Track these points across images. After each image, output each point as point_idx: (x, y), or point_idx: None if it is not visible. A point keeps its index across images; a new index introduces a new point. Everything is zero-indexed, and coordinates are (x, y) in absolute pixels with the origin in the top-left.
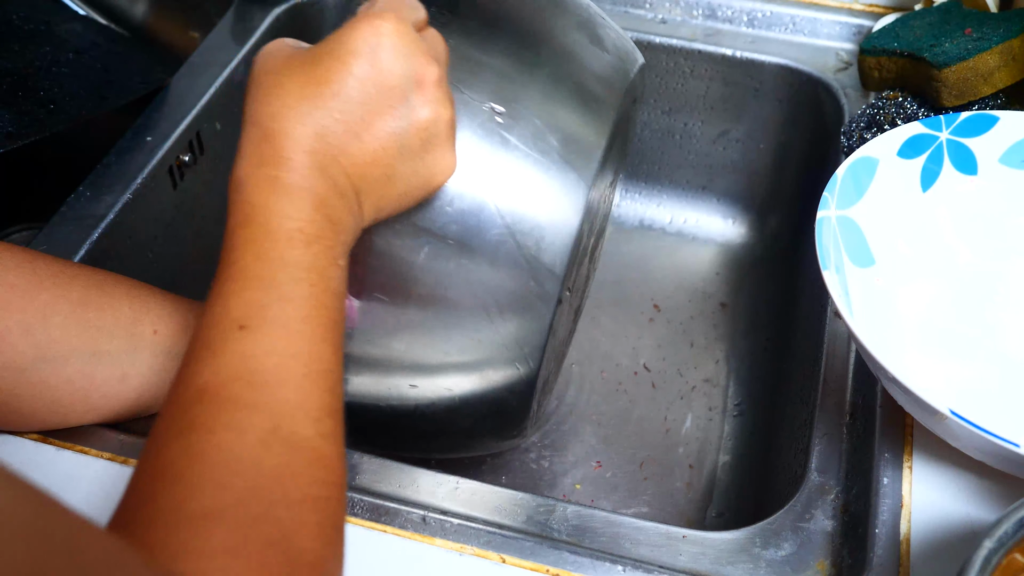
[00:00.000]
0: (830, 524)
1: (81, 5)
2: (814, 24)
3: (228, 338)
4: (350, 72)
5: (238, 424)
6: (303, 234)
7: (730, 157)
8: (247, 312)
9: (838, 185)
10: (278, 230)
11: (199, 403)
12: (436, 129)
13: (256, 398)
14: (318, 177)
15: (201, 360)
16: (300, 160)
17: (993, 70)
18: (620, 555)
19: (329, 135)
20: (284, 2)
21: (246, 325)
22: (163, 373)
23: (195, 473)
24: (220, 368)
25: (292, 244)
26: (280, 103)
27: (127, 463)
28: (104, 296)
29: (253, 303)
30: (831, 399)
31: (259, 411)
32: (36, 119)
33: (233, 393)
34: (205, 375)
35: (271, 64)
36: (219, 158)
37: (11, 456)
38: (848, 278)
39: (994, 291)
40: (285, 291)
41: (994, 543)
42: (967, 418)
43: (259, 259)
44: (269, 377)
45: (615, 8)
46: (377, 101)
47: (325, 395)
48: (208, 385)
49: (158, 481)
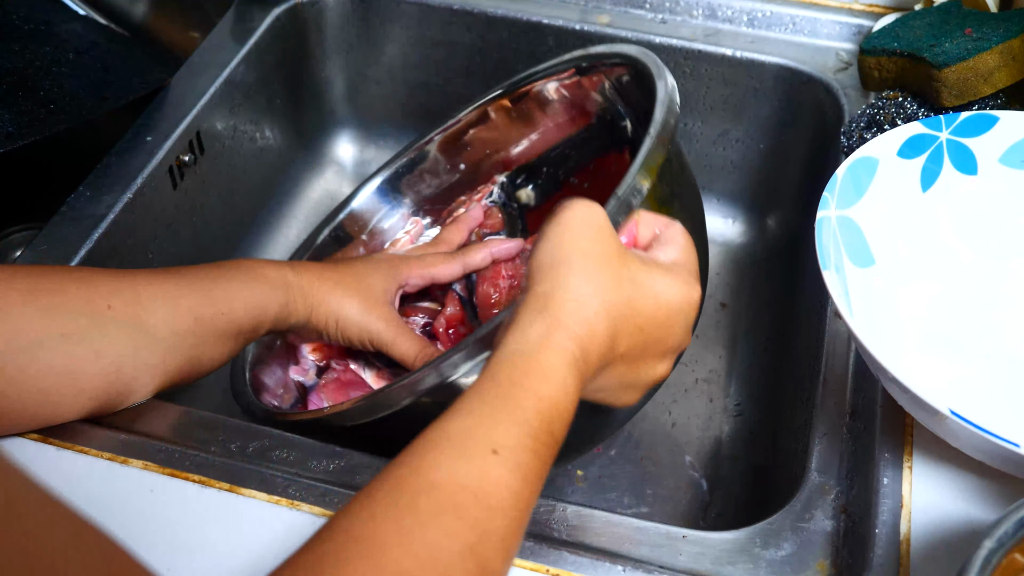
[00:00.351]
0: (830, 524)
1: (81, 5)
2: (814, 24)
3: (478, 454)
4: (659, 322)
5: (452, 530)
6: (566, 410)
7: (730, 157)
8: (505, 443)
9: (838, 185)
10: (559, 395)
11: (427, 495)
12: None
13: (477, 516)
14: (597, 368)
15: (446, 456)
16: (595, 353)
17: (993, 70)
18: (620, 555)
19: (618, 342)
20: (284, 2)
21: (499, 452)
22: (132, 344)
23: (395, 555)
24: (460, 474)
25: (560, 415)
26: (597, 298)
27: (127, 463)
28: (50, 282)
29: (511, 438)
30: (831, 399)
31: (473, 528)
32: (36, 119)
33: (461, 501)
34: (444, 472)
35: (589, 246)
36: (219, 158)
37: (12, 457)
38: (848, 278)
39: (994, 291)
40: (538, 445)
41: (994, 543)
42: (967, 418)
43: (536, 412)
44: (494, 503)
45: (615, 8)
46: (659, 344)
47: (519, 539)
48: (443, 484)
49: (358, 544)
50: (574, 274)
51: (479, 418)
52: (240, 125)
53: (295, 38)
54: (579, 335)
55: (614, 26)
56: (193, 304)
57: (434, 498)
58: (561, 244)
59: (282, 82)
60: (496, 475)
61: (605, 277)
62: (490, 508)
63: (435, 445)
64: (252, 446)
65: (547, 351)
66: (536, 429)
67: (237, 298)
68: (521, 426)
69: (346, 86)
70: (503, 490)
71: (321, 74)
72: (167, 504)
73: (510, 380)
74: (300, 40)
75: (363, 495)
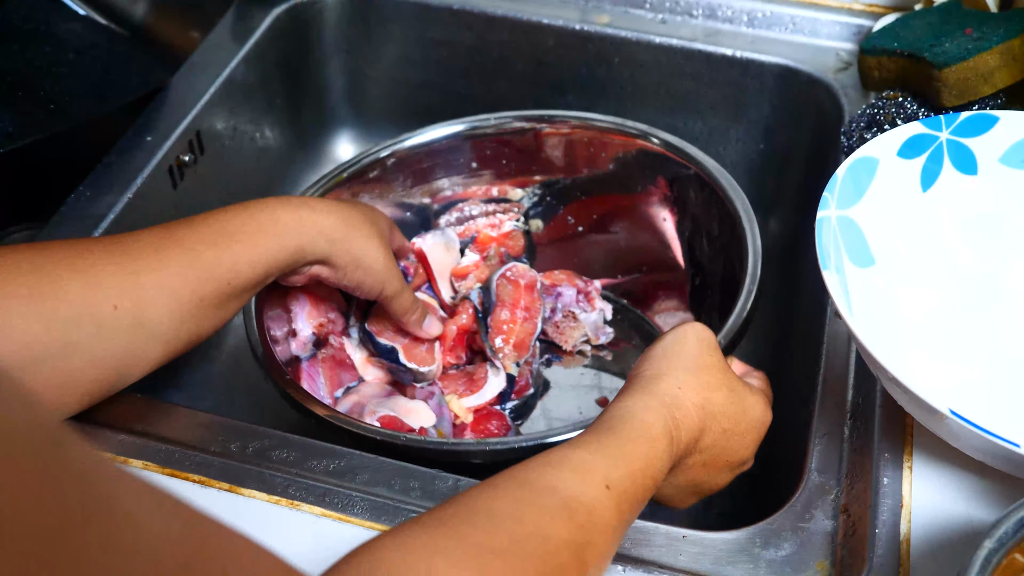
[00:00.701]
0: (830, 524)
1: (81, 5)
2: (814, 24)
3: (594, 482)
4: (739, 431)
5: (562, 524)
6: (659, 472)
7: (730, 157)
8: (617, 482)
9: (838, 185)
10: (655, 459)
11: (547, 495)
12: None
13: (584, 524)
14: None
15: (567, 474)
16: (685, 437)
17: (993, 70)
18: (620, 555)
19: (705, 436)
20: (284, 2)
21: (611, 488)
22: (133, 343)
23: (508, 525)
24: (576, 491)
25: (653, 476)
26: (696, 392)
27: (127, 463)
28: (51, 282)
29: (621, 480)
30: (831, 399)
31: (580, 530)
32: (36, 119)
33: (575, 509)
34: (564, 486)
35: (696, 350)
36: (219, 158)
37: None
38: (848, 278)
39: (994, 291)
40: (634, 495)
41: (994, 543)
42: (967, 418)
43: (640, 468)
44: (600, 523)
45: (615, 8)
46: (732, 453)
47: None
48: (562, 492)
49: (478, 515)
50: (681, 367)
51: (597, 456)
52: (240, 125)
53: (295, 38)
54: (676, 417)
55: (614, 26)
56: (197, 286)
57: (553, 498)
58: (674, 342)
59: (282, 82)
60: (605, 504)
61: (707, 377)
62: (596, 525)
63: (557, 465)
64: (252, 446)
65: (652, 422)
66: (636, 483)
67: (242, 260)
68: (628, 474)
69: (346, 86)
70: (608, 516)
71: (321, 74)
72: None
73: (624, 435)
74: (300, 40)
75: (485, 484)
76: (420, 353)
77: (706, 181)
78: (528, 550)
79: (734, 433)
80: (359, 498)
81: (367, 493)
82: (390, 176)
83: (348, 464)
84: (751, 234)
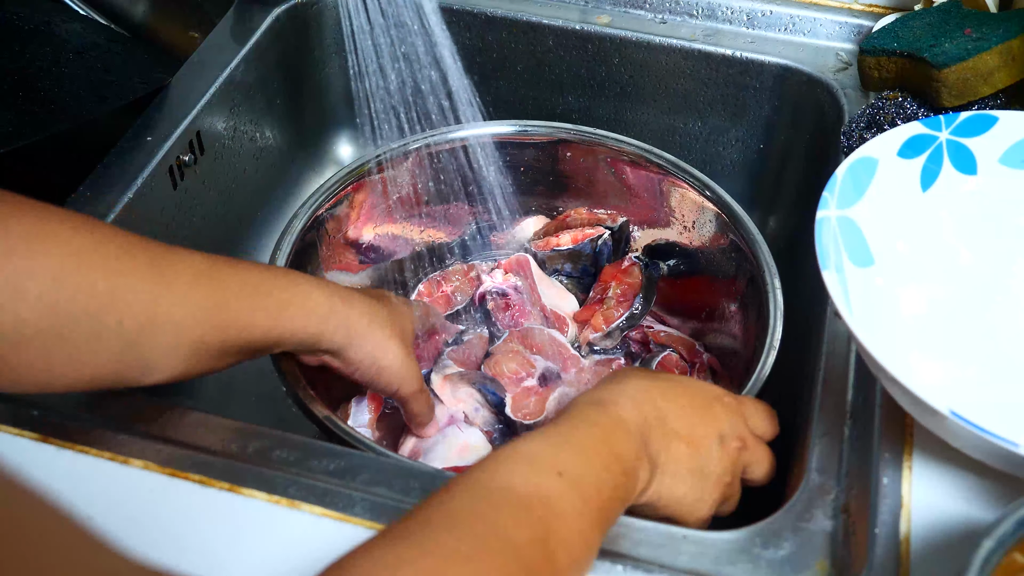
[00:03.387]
0: (830, 524)
1: (81, 5)
2: (814, 24)
3: (547, 471)
4: (699, 405)
5: (521, 520)
6: (626, 469)
7: (730, 157)
8: (570, 468)
9: (838, 185)
10: (623, 455)
11: (501, 492)
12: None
13: (542, 516)
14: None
15: (519, 467)
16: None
17: (993, 70)
18: (620, 554)
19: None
20: (284, 2)
21: (564, 475)
22: (123, 356)
23: (470, 523)
24: (531, 484)
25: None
26: (640, 388)
27: (127, 463)
28: (78, 275)
29: (577, 467)
30: (831, 399)
31: (540, 523)
32: (36, 119)
33: (530, 503)
34: (518, 479)
35: (642, 371)
36: (219, 158)
37: (11, 456)
38: (848, 278)
39: (994, 291)
40: (600, 473)
41: (994, 543)
42: (967, 418)
43: (600, 447)
44: (558, 511)
45: (615, 8)
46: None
47: (586, 553)
48: (515, 487)
49: (438, 521)
50: (615, 381)
51: (543, 446)
52: (240, 125)
53: (295, 38)
54: (618, 402)
55: (614, 26)
56: (207, 331)
57: (506, 495)
58: (608, 377)
59: (282, 82)
60: (561, 490)
61: (643, 377)
62: (556, 514)
63: (506, 460)
64: (252, 446)
65: (590, 412)
66: (593, 465)
67: (260, 324)
68: (582, 459)
69: (346, 86)
70: (566, 503)
71: (321, 74)
72: (167, 504)
73: (566, 426)
74: (300, 40)
75: (442, 489)
76: (528, 405)
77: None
78: (493, 550)
79: (696, 407)
80: (359, 498)
81: (367, 493)
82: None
83: (348, 464)
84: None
